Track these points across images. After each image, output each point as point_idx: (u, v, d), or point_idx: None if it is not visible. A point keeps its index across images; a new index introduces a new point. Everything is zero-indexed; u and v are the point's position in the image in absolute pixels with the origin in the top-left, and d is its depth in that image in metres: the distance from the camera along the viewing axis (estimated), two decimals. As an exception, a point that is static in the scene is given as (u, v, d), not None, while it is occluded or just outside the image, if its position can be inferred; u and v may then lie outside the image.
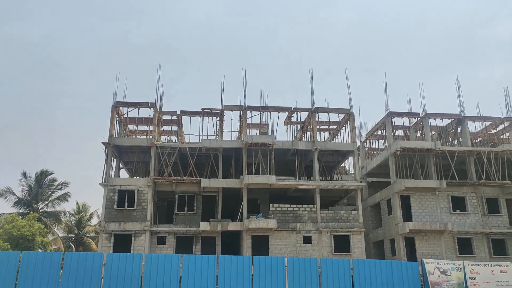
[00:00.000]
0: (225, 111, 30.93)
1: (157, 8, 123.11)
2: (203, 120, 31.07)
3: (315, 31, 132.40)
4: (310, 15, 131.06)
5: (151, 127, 30.73)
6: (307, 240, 27.77)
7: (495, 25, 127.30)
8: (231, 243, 29.64)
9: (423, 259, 14.66)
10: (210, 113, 31.04)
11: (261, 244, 27.61)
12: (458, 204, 29.74)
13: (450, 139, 34.08)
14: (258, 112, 31.18)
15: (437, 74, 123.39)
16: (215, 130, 31.63)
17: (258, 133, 33.48)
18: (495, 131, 35.00)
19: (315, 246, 27.68)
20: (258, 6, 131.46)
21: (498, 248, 28.86)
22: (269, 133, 31.84)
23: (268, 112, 31.14)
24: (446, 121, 33.49)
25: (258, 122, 33.19)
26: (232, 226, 27.73)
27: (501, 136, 35.27)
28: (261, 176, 28.16)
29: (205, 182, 28.18)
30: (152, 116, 30.27)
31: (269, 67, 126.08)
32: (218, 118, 31.36)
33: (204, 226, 27.15)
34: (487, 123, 33.92)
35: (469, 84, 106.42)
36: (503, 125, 34.10)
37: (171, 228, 27.91)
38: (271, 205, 28.80)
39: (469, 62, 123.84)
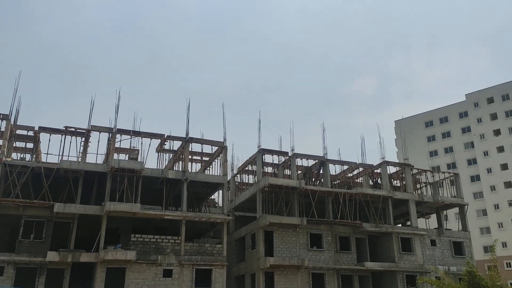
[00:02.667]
0: (92, 131, 28.79)
1: (26, 18, 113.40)
2: (65, 139, 28.43)
3: (197, 61, 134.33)
4: (193, 45, 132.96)
5: (1, 141, 27.02)
6: (167, 273, 26.54)
7: (359, 81, 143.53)
8: (85, 276, 26.94)
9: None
10: (75, 132, 28.60)
11: (117, 278, 25.56)
12: (316, 241, 31.47)
13: (313, 179, 36.39)
14: (129, 137, 29.67)
15: (307, 119, 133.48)
16: (78, 151, 29.14)
17: (127, 159, 31.71)
18: (351, 174, 38.45)
19: (175, 280, 26.56)
20: (143, 28, 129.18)
21: (346, 283, 31.01)
22: (140, 160, 30.37)
23: (140, 138, 29.81)
24: (311, 162, 35.81)
25: (128, 147, 31.56)
26: (85, 257, 25.28)
27: (356, 180, 38.85)
28: (124, 203, 26.46)
29: (59, 207, 25.47)
30: (3, 129, 26.72)
31: (145, 92, 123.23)
32: (83, 139, 29.02)
33: (52, 256, 24.28)
34: (345, 167, 37.10)
35: (333, 131, 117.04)
36: (358, 169, 37.64)
37: (11, 257, 24.34)
38: (132, 235, 27.15)
39: (335, 111, 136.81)
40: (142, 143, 29.96)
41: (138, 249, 26.44)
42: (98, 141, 28.92)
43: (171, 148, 32.55)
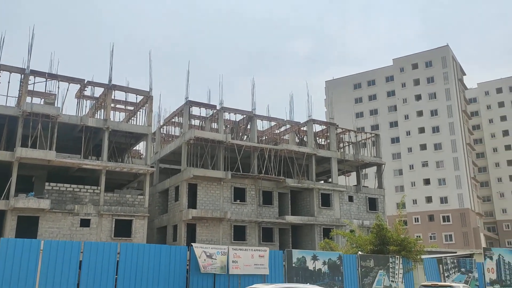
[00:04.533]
0: (1, 71, 26.31)
1: None
2: (-31, 78, 25.77)
3: (126, 7, 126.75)
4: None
5: None
6: (85, 223, 25.77)
7: (294, 42, 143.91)
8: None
9: (192, 244, 14.84)
10: (-19, 71, 25.97)
11: (29, 227, 24.41)
12: (239, 194, 31.97)
13: (240, 134, 36.48)
14: (44, 79, 27.52)
15: (240, 75, 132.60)
16: (-15, 92, 26.60)
17: (42, 103, 29.60)
18: (279, 131, 39.03)
19: (93, 230, 25.90)
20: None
21: (266, 235, 32.12)
22: (57, 106, 28.46)
23: (57, 81, 27.76)
24: (239, 117, 35.73)
25: (44, 91, 29.35)
26: (-6, 205, 23.74)
27: (283, 137, 39.56)
28: (38, 150, 24.89)
29: (-38, 152, 23.40)
30: None
31: (66, 35, 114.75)
32: (-8, 79, 26.48)
33: (-45, 203, 22.51)
34: (273, 123, 37.50)
35: (266, 89, 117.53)
36: (285, 126, 38.24)
37: None
38: (47, 183, 25.81)
39: (269, 70, 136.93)
40: (59, 88, 27.90)
41: (53, 198, 25.29)
42: (9, 82, 26.56)
43: (93, 95, 30.79)
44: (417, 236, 61.04)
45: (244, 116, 34.99)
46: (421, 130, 67.84)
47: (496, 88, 78.86)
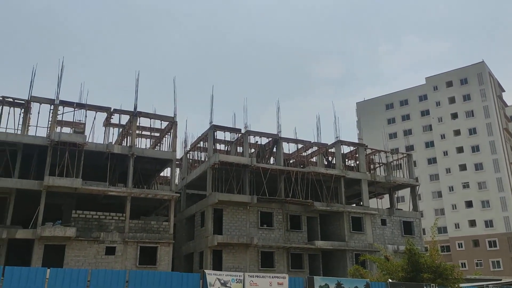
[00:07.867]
0: (32, 103, 27.28)
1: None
2: (2, 110, 26.80)
3: (150, 38, 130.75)
4: (145, 23, 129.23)
5: None
6: (110, 251, 25.75)
7: (326, 63, 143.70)
8: (23, 254, 25.83)
9: (205, 270, 14.33)
10: (13, 103, 27.01)
11: (56, 255, 24.59)
12: (266, 219, 31.24)
13: (266, 157, 36.01)
14: (72, 109, 28.28)
15: (270, 97, 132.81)
16: (17, 123, 27.58)
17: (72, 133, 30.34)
18: (306, 154, 38.28)
19: (118, 258, 25.82)
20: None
21: (296, 262, 31.05)
22: (84, 134, 29.12)
23: (84, 110, 28.46)
24: (265, 140, 35.34)
25: (73, 120, 30.14)
26: (22, 234, 24.16)
27: (311, 159, 38.75)
28: (65, 178, 25.33)
29: (-7, 182, 24.11)
30: None
31: (96, 65, 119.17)
32: (23, 110, 27.47)
33: (-15, 232, 23.03)
34: (300, 145, 36.85)
35: (295, 111, 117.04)
36: (312, 148, 37.49)
37: None
38: (73, 211, 26.11)
39: (299, 91, 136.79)
40: (86, 116, 28.45)
41: (79, 226, 25.50)
42: (39, 113, 27.47)
43: (120, 123, 31.36)
44: (461, 263, 57.73)
45: (270, 139, 34.60)
46: (460, 149, 65.01)
47: (539, 104, 74.97)
